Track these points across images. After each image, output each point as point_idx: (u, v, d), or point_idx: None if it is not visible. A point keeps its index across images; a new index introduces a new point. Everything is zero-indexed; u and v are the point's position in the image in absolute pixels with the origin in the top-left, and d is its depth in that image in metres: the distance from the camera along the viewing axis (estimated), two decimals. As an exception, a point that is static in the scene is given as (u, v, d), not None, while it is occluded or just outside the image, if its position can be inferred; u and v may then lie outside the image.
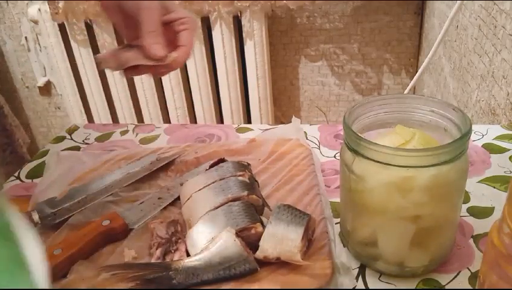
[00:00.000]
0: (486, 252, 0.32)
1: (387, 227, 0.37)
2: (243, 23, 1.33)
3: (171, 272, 0.38)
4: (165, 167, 0.55)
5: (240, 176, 0.46)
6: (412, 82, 1.05)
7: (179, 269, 0.38)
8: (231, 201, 0.43)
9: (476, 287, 0.35)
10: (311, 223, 0.41)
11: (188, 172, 0.53)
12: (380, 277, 0.39)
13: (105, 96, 1.55)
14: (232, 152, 0.56)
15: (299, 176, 0.50)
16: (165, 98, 1.50)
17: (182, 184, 0.49)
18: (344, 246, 0.42)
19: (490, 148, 0.55)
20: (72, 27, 1.42)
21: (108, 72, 1.49)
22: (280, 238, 0.39)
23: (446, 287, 0.37)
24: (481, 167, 0.52)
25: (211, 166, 0.50)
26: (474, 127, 0.58)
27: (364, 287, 0.38)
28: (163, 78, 1.45)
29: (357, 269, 0.40)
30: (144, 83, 1.47)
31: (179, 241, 0.41)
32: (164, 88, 1.48)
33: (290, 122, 0.61)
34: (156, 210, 0.47)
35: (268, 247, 0.38)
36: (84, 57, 1.47)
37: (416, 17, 1.34)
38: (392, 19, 1.35)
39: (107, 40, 1.42)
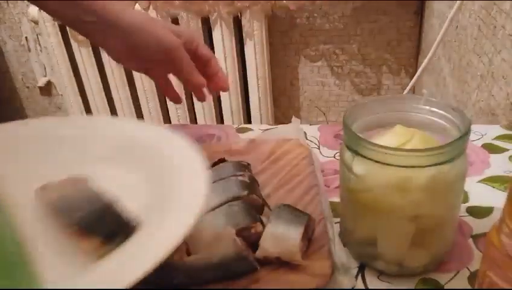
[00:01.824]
0: (485, 252, 0.32)
1: (386, 227, 0.37)
2: (243, 24, 1.33)
3: (170, 272, 0.38)
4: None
5: (240, 176, 0.46)
6: (412, 82, 1.05)
7: (179, 268, 0.38)
8: (231, 201, 0.43)
9: (475, 287, 0.35)
10: (311, 223, 0.41)
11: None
12: (379, 276, 0.39)
13: (106, 96, 1.55)
14: (232, 152, 0.56)
15: (299, 176, 0.50)
16: (165, 98, 1.50)
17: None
18: (344, 245, 0.42)
19: (490, 149, 0.55)
20: (72, 27, 1.42)
21: (108, 71, 1.49)
22: (280, 238, 0.39)
23: (445, 286, 0.38)
24: (480, 167, 0.52)
25: (211, 166, 0.50)
26: (473, 127, 0.58)
27: (363, 287, 0.38)
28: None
29: (357, 269, 0.40)
30: (145, 83, 1.47)
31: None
32: (164, 88, 1.48)
33: (290, 122, 0.61)
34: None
35: (268, 247, 0.39)
36: (84, 57, 1.46)
37: (416, 17, 1.34)
38: (392, 19, 1.36)
39: (107, 40, 1.42)
